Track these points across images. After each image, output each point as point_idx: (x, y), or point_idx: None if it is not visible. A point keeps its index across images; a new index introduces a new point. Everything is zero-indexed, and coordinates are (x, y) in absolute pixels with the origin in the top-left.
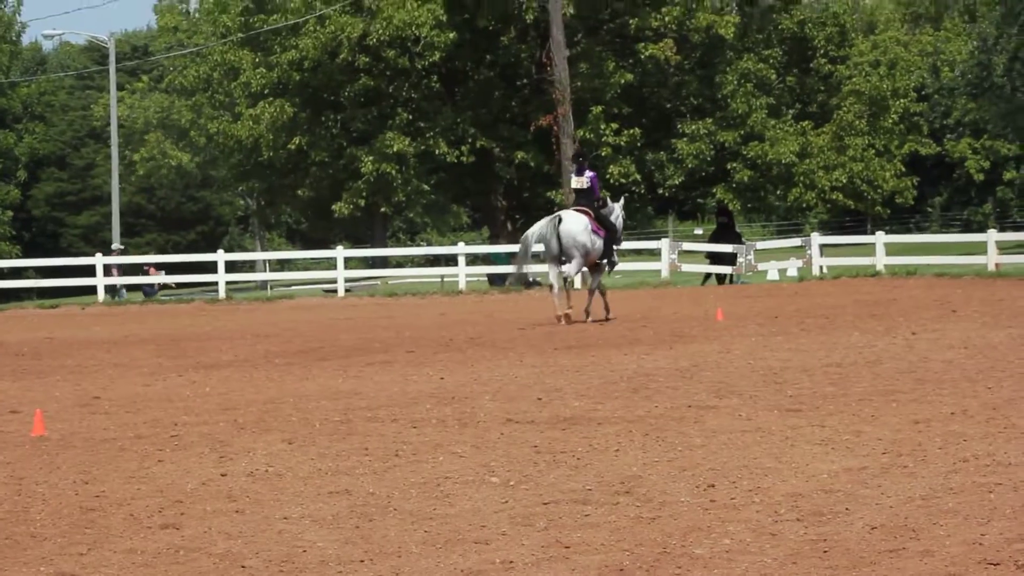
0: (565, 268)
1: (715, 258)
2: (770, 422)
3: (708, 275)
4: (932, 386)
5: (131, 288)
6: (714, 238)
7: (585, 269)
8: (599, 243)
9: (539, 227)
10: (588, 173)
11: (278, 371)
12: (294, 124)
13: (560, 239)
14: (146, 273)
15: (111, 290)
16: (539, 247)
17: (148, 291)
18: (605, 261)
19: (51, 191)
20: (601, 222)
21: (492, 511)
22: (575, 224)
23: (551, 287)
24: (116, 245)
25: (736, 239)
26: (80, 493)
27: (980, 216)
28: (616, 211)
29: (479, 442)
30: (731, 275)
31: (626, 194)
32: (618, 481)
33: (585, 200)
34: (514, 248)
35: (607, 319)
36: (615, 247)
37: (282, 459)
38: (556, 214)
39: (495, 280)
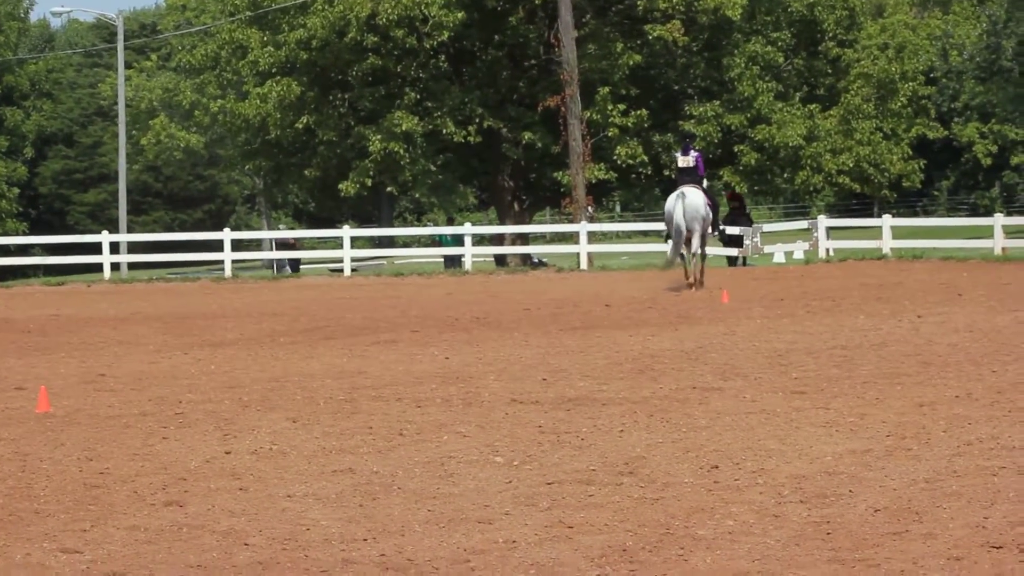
0: (693, 244)
1: (728, 241)
2: (774, 404)
3: (739, 257)
4: (937, 369)
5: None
6: (726, 222)
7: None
8: (710, 215)
9: (670, 206)
10: (693, 153)
11: (283, 350)
12: (301, 103)
13: (685, 214)
14: (292, 247)
15: (277, 266)
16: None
17: (294, 266)
18: (715, 233)
19: (58, 169)
20: (707, 195)
21: (496, 491)
22: (697, 198)
23: (676, 257)
24: (282, 225)
25: (747, 223)
26: (84, 470)
27: (987, 200)
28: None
29: (483, 422)
30: (742, 257)
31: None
32: (622, 462)
33: (690, 177)
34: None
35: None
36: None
37: (286, 437)
38: (679, 190)
39: (449, 263)
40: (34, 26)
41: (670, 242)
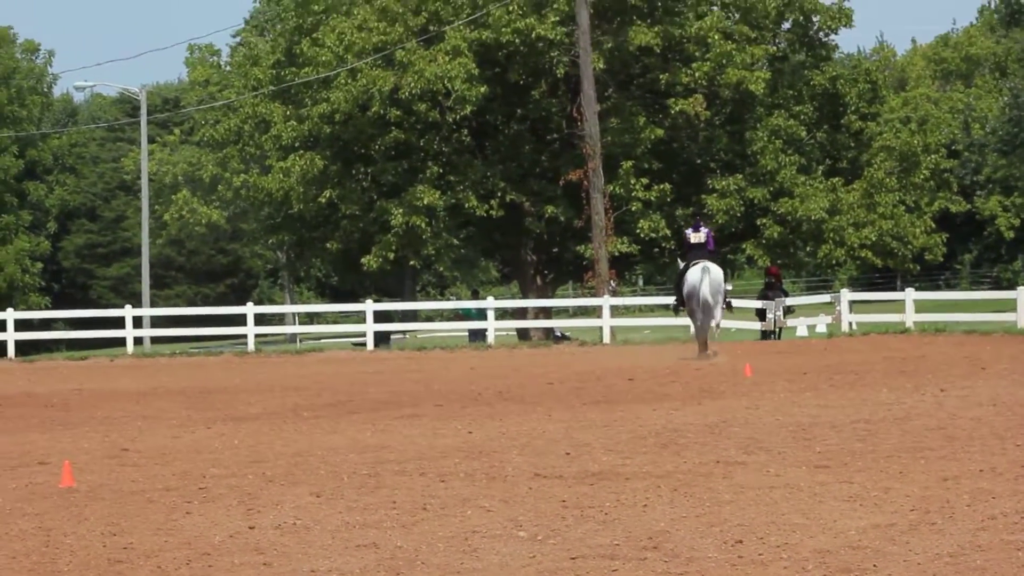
0: (716, 317)
1: (762, 315)
2: (798, 478)
3: (768, 331)
4: (961, 443)
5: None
6: (762, 296)
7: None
8: (726, 290)
9: (695, 279)
10: (704, 229)
11: (307, 424)
12: (324, 177)
13: (711, 288)
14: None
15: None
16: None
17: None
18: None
19: (81, 243)
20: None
21: (520, 566)
22: (719, 274)
23: (697, 330)
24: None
25: (782, 295)
26: (108, 545)
27: (1010, 273)
28: None
29: (507, 496)
30: (778, 330)
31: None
32: (646, 536)
33: (702, 252)
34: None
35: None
36: None
37: (310, 512)
38: (702, 264)
39: (473, 336)
40: (57, 100)
41: (694, 319)
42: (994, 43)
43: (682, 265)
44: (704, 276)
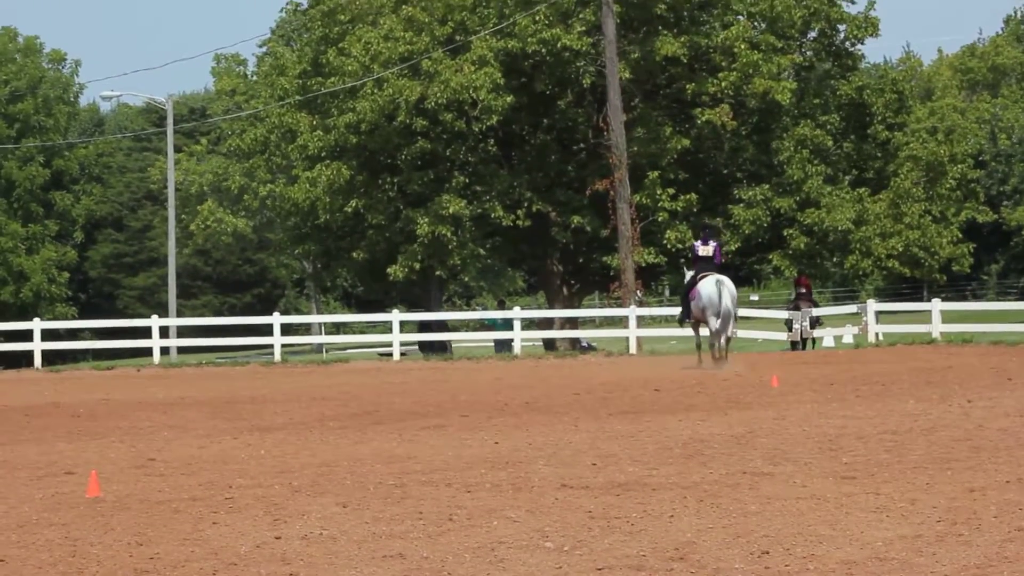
0: (731, 329)
1: (791, 325)
2: (825, 489)
3: (794, 342)
4: (988, 454)
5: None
6: (792, 306)
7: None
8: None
9: (710, 290)
10: (712, 243)
11: (333, 434)
12: (351, 187)
13: (732, 299)
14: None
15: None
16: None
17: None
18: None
19: (108, 252)
20: None
21: None
22: (732, 287)
23: (709, 340)
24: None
25: (812, 306)
26: (134, 555)
27: None
28: None
29: (533, 507)
30: (805, 340)
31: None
32: (672, 547)
33: (710, 266)
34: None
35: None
36: None
37: (336, 522)
38: (714, 277)
39: (499, 347)
40: (84, 110)
41: (703, 329)
42: (1021, 53)
43: (688, 276)
44: (721, 288)
